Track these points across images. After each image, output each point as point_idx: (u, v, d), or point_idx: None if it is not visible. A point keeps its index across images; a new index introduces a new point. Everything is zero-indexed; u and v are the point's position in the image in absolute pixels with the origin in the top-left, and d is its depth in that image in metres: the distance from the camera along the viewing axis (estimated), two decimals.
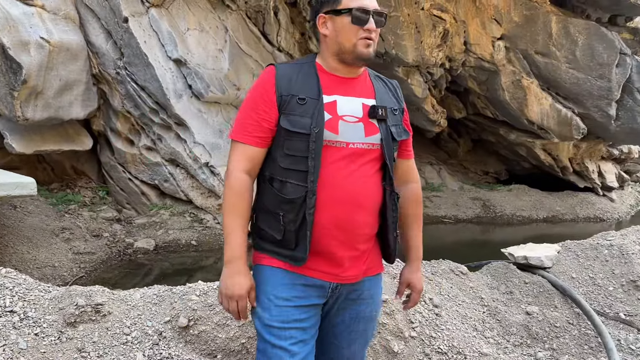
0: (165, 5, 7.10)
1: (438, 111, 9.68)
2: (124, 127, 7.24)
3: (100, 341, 2.69)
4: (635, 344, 3.37)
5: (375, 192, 1.78)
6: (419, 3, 8.11)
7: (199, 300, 2.91)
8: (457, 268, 3.89)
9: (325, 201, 1.71)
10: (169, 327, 2.82)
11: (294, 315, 1.74)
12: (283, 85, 1.73)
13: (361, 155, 1.75)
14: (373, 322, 1.96)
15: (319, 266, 1.76)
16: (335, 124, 1.71)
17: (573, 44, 8.28)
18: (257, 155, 1.76)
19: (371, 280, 1.89)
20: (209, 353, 2.79)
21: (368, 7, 1.70)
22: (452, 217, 9.09)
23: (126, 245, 6.39)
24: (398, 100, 1.90)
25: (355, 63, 1.76)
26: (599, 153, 10.58)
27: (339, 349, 1.91)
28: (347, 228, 1.74)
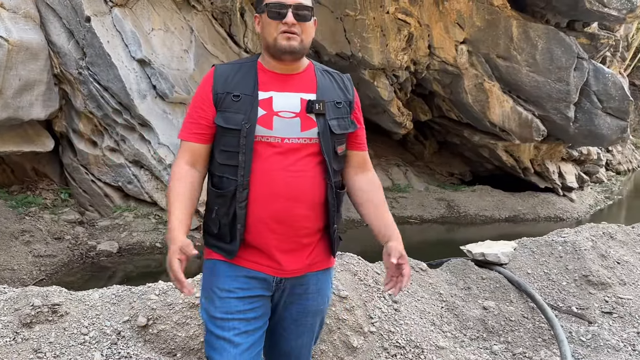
0: (129, 5, 7.04)
1: (404, 113, 9.82)
2: (87, 128, 7.13)
3: (57, 341, 2.67)
4: (586, 335, 3.51)
5: (314, 186, 1.79)
6: (384, 7, 8.23)
7: (158, 300, 2.90)
8: (417, 265, 3.97)
9: (260, 195, 1.75)
10: (127, 327, 2.81)
11: (237, 306, 1.78)
12: (219, 83, 1.80)
13: (297, 150, 1.77)
14: (320, 316, 1.99)
15: (259, 259, 1.80)
16: (269, 120, 1.76)
17: (533, 48, 8.53)
18: (198, 150, 1.82)
19: (318, 275, 1.91)
20: (168, 352, 2.79)
21: (286, 2, 1.73)
22: (417, 217, 9.23)
23: (89, 247, 6.30)
24: (345, 93, 1.89)
25: (280, 57, 1.78)
26: (559, 154, 10.90)
27: (287, 341, 1.95)
28: (286, 222, 1.77)
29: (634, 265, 4.37)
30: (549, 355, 3.29)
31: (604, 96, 8.75)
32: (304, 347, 1.98)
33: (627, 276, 4.21)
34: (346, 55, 8.52)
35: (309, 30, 1.78)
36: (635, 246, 4.67)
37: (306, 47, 1.79)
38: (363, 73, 8.80)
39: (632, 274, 4.26)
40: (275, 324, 1.92)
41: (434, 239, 8.38)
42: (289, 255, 1.81)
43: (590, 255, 4.21)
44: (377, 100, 9.23)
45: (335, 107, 1.84)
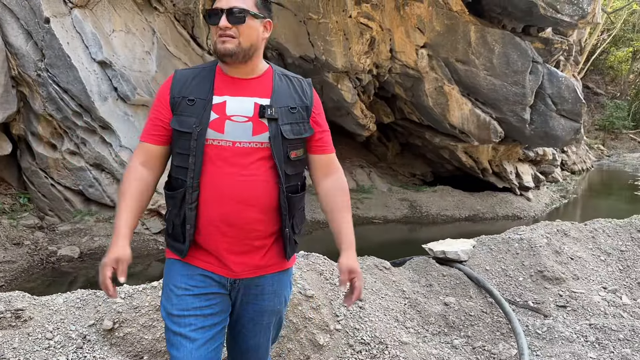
0: (90, 6, 6.93)
1: (367, 116, 9.97)
2: (46, 131, 6.98)
3: (21, 347, 2.64)
4: (542, 328, 3.67)
5: (265, 190, 1.83)
6: (346, 11, 8.34)
7: (124, 303, 2.90)
8: (381, 264, 4.07)
9: (211, 198, 1.80)
10: (93, 331, 2.80)
11: (194, 303, 1.83)
12: (176, 88, 1.85)
13: (249, 154, 1.80)
14: (277, 316, 2.03)
15: (211, 260, 1.86)
16: (221, 124, 1.79)
17: (490, 53, 8.80)
18: (153, 151, 1.88)
19: (274, 276, 1.94)
20: (135, 355, 2.80)
21: (220, 6, 1.78)
22: (381, 217, 9.38)
23: (49, 253, 6.17)
24: (302, 98, 1.91)
25: (222, 60, 1.83)
26: (516, 155, 11.26)
27: (245, 339, 2.00)
28: (236, 225, 1.81)
29: (587, 261, 4.58)
30: (507, 348, 3.43)
31: (558, 99, 9.11)
32: (262, 345, 2.03)
33: (580, 271, 4.41)
34: (310, 58, 8.59)
35: (247, 32, 1.80)
36: (587, 242, 4.89)
37: (245, 48, 1.81)
38: (327, 76, 8.89)
39: (584, 269, 4.47)
40: (234, 322, 1.98)
41: (398, 238, 8.54)
42: (240, 257, 1.85)
43: (545, 252, 4.40)
44: (341, 102, 9.34)
45: (289, 112, 1.86)
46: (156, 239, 6.85)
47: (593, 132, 25.64)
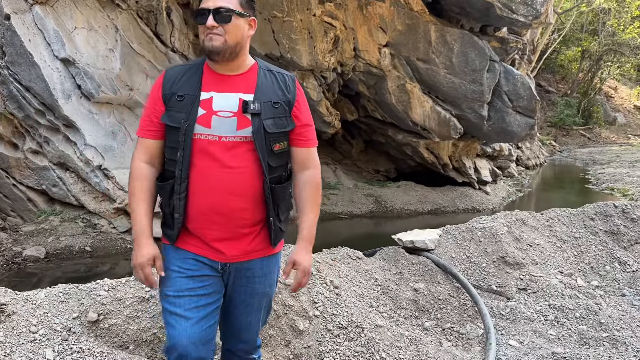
0: (50, 2, 6.81)
1: (332, 113, 10.13)
2: (7, 130, 6.83)
3: (7, 340, 2.65)
4: (505, 310, 3.90)
5: (251, 181, 1.94)
6: (310, 9, 8.47)
7: (108, 295, 2.95)
8: (354, 254, 4.23)
9: (199, 189, 1.93)
10: (77, 323, 2.84)
11: (188, 284, 1.96)
12: (167, 85, 1.96)
13: (234, 147, 1.91)
14: (267, 298, 2.16)
15: (202, 245, 1.99)
16: (208, 119, 1.90)
17: (450, 51, 9.10)
18: (153, 146, 2.00)
19: (263, 260, 2.07)
20: (120, 345, 2.85)
21: (207, 7, 1.88)
22: (348, 213, 9.57)
23: (14, 254, 6.06)
24: (285, 93, 2.01)
25: (209, 57, 1.93)
26: (475, 151, 11.66)
27: (237, 319, 2.13)
28: (224, 213, 1.93)
29: (544, 247, 4.86)
30: (474, 328, 3.64)
31: (514, 96, 9.50)
32: (253, 325, 2.15)
33: (538, 257, 4.69)
34: (275, 56, 8.68)
35: (233, 30, 1.89)
36: (544, 230, 5.18)
37: (231, 46, 1.90)
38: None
39: (542, 255, 4.75)
40: (227, 303, 2.10)
41: (364, 232, 8.74)
42: (228, 242, 1.98)
43: (506, 239, 4.66)
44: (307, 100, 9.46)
45: (272, 107, 1.96)
46: (123, 237, 6.81)
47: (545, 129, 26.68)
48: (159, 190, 2.00)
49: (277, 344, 3.11)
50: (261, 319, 2.18)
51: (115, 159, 6.80)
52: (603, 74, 29.20)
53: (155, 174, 2.01)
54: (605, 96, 31.02)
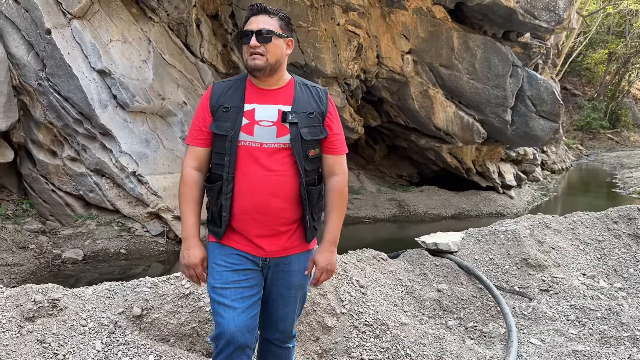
0: (87, 17, 7.16)
1: (355, 119, 10.31)
2: (46, 139, 7.18)
3: (60, 332, 2.89)
4: (527, 310, 4.02)
5: (288, 183, 2.14)
6: (334, 19, 8.68)
7: (151, 292, 3.17)
8: (378, 255, 4.39)
9: (244, 190, 2.13)
10: (123, 317, 3.07)
11: (233, 277, 2.16)
12: (214, 98, 2.18)
13: (274, 153, 2.12)
14: (302, 290, 2.34)
15: (244, 241, 2.19)
16: (251, 128, 2.12)
17: (472, 57, 9.20)
18: (201, 154, 2.22)
19: (299, 256, 2.26)
20: (162, 338, 3.07)
21: (251, 29, 2.10)
22: (371, 217, 9.71)
23: (54, 256, 6.37)
24: (319, 105, 2.22)
25: (252, 74, 2.15)
26: (499, 155, 11.70)
27: (275, 310, 2.32)
28: (265, 212, 2.14)
29: (567, 250, 4.95)
30: (496, 327, 3.76)
31: (537, 100, 9.54)
32: (289, 315, 2.34)
33: (561, 259, 4.78)
34: (300, 64, 8.91)
35: (273, 50, 2.11)
36: (567, 233, 5.25)
37: (273, 63, 2.12)
38: (316, 81, 9.21)
39: (565, 257, 4.84)
40: (266, 295, 2.29)
41: (388, 236, 8.87)
42: (268, 239, 2.18)
43: (528, 242, 4.76)
44: None
45: (308, 117, 2.17)
46: (156, 240, 7.08)
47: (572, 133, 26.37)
48: (208, 191, 2.21)
49: (306, 339, 3.29)
50: (296, 310, 2.36)
51: (149, 165, 7.09)
52: (631, 77, 28.76)
53: (203, 179, 2.23)
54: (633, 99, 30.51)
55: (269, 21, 2.12)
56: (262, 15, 2.13)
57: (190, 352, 3.03)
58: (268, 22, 2.11)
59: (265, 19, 2.12)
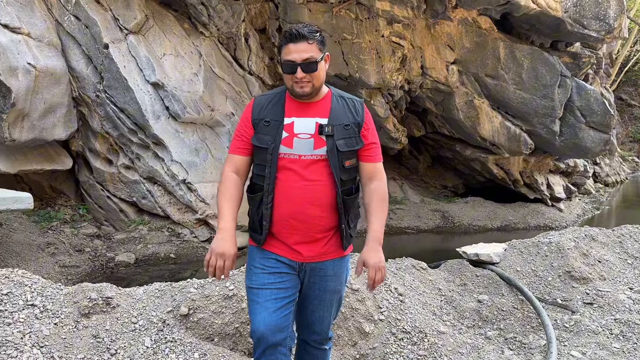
0: (142, 32, 7.55)
1: (399, 130, 10.35)
2: (103, 147, 7.58)
3: (112, 329, 3.10)
4: (569, 322, 3.96)
5: (325, 193, 2.24)
6: (379, 31, 8.79)
7: (197, 292, 3.34)
8: (418, 264, 4.44)
9: (283, 200, 2.24)
10: (171, 316, 3.24)
11: (269, 279, 2.27)
12: (256, 111, 2.30)
13: (312, 164, 2.23)
14: (338, 295, 2.43)
15: (283, 247, 2.29)
16: (290, 140, 2.22)
17: (519, 67, 9.10)
18: (240, 161, 2.33)
19: (334, 261, 2.35)
20: (207, 337, 3.22)
21: (295, 60, 2.14)
22: (414, 227, 9.69)
23: (108, 259, 6.70)
24: (355, 116, 2.30)
25: (297, 98, 2.25)
26: (547, 167, 11.44)
27: (311, 312, 2.42)
28: (303, 220, 2.24)
29: (614, 264, 4.83)
30: (536, 339, 3.74)
31: (587, 111, 9.32)
32: (325, 318, 2.44)
33: (606, 273, 4.67)
34: (344, 76, 9.05)
35: (318, 75, 2.19)
36: (614, 247, 5.13)
37: (317, 87, 2.22)
38: (360, 92, 9.33)
39: (611, 270, 4.72)
40: (303, 298, 2.41)
41: (431, 247, 8.83)
42: (306, 245, 2.28)
43: (573, 254, 4.68)
44: (374, 117, 9.71)
45: (344, 129, 2.26)
46: (204, 246, 7.33)
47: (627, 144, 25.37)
48: (249, 200, 2.33)
49: (344, 344, 3.38)
50: (332, 313, 2.46)
51: (198, 173, 7.37)
52: None
53: (241, 183, 2.34)
54: None
55: (310, 48, 2.15)
56: (302, 43, 2.14)
57: (233, 352, 3.17)
58: (310, 50, 2.15)
59: (306, 47, 2.14)
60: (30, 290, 3.17)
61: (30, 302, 3.09)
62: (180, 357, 3.01)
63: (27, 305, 3.06)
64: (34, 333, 2.90)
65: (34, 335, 2.89)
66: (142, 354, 2.98)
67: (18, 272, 3.33)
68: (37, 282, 3.29)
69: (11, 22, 6.40)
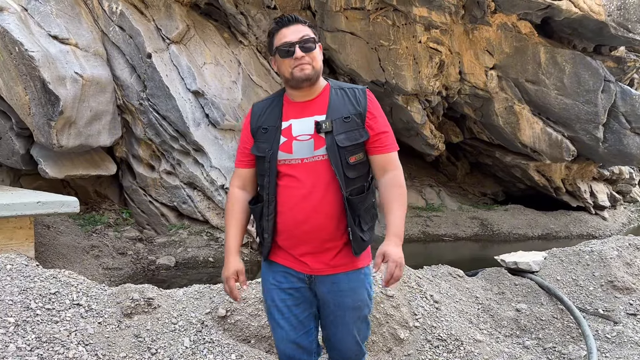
0: (184, 41, 7.76)
1: (436, 136, 10.26)
2: (145, 153, 7.81)
3: (153, 329, 3.20)
4: (611, 333, 3.86)
5: (330, 196, 2.07)
6: (416, 37, 8.76)
7: None
8: (454, 272, 4.40)
9: (285, 209, 2.10)
10: (209, 318, 3.33)
11: (280, 295, 2.19)
12: (254, 119, 2.19)
13: (313, 166, 2.07)
14: (358, 313, 2.20)
15: (290, 258, 2.16)
16: (289, 145, 2.07)
17: (561, 72, 8.90)
18: (245, 174, 2.25)
19: (348, 274, 2.16)
20: (243, 339, 3.29)
21: (291, 41, 2.04)
22: (451, 235, 9.57)
23: (149, 262, 6.88)
24: (356, 107, 2.11)
25: (300, 86, 2.09)
26: (590, 174, 11.12)
27: (330, 331, 2.25)
28: (308, 229, 2.08)
29: None
30: (576, 349, 3.65)
31: (632, 117, 9.03)
32: (347, 338, 2.21)
33: None
34: (380, 82, 9.05)
35: (316, 56, 2.08)
36: None
37: (318, 70, 2.09)
38: (397, 98, 9.31)
39: None
40: (321, 317, 2.26)
41: (468, 255, 8.71)
42: (313, 256, 2.12)
43: (615, 263, 4.56)
44: (411, 124, 9.71)
45: (343, 122, 2.07)
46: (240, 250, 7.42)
47: None
48: (252, 212, 2.22)
49: (379, 350, 3.39)
50: (355, 334, 2.23)
51: None
52: None
53: (247, 197, 2.25)
54: None
55: (304, 29, 2.08)
56: (295, 25, 2.08)
57: (268, 354, 3.23)
58: (304, 31, 2.07)
59: (300, 28, 2.07)
60: (76, 290, 3.30)
61: (76, 301, 3.22)
62: (217, 357, 3.08)
63: (73, 304, 3.20)
64: (79, 331, 3.02)
65: (79, 333, 3.01)
66: (181, 354, 3.07)
67: (65, 272, 3.49)
68: (83, 282, 3.43)
69: (60, 34, 6.69)
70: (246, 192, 2.25)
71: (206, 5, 8.44)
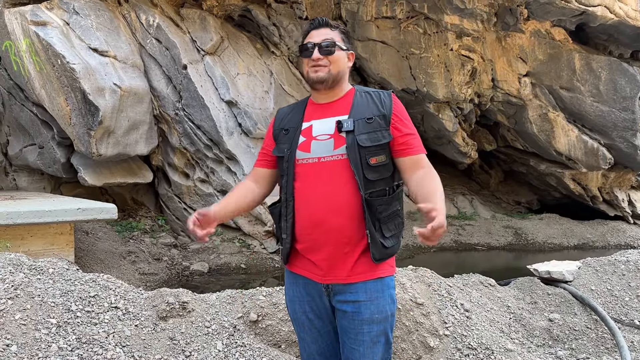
0: (218, 53, 7.95)
1: (468, 144, 10.18)
2: (180, 162, 8.01)
3: (187, 332, 3.29)
4: None
5: (349, 196, 2.00)
6: (447, 44, 8.75)
7: (265, 300, 3.49)
8: (486, 281, 4.37)
9: (303, 210, 2.05)
10: (241, 322, 3.41)
11: (300, 308, 2.16)
12: (277, 122, 2.22)
13: (332, 166, 2.02)
14: (378, 327, 2.05)
15: (307, 265, 2.11)
16: (308, 145, 2.05)
17: (596, 79, 8.75)
18: (260, 172, 2.26)
19: (367, 284, 2.04)
20: (274, 343, 3.36)
21: (312, 41, 2.08)
22: (484, 244, 9.46)
23: (183, 267, 7.04)
24: (380, 109, 2.07)
25: (314, 86, 2.11)
26: (629, 182, 10.84)
27: (349, 347, 2.08)
28: (325, 231, 2.00)
29: None
30: None
31: None
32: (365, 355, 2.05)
33: None
34: (411, 90, 9.06)
35: (337, 61, 2.08)
36: None
37: (335, 75, 2.08)
38: (428, 106, 9.30)
39: None
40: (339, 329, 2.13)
41: (502, 264, 8.59)
42: (331, 263, 2.04)
43: None
44: (442, 131, 9.67)
45: (366, 123, 2.03)
46: (272, 257, 7.54)
47: None
48: (271, 214, 2.21)
49: (408, 357, 3.40)
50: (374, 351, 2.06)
51: None
52: None
53: (255, 188, 2.23)
54: None
55: (331, 34, 2.11)
56: (324, 29, 2.12)
57: (298, 359, 3.28)
58: (330, 35, 2.10)
59: (327, 32, 2.11)
60: (114, 294, 3.43)
61: (114, 304, 3.35)
62: None
63: (111, 307, 3.32)
64: (117, 333, 3.14)
65: (117, 335, 3.13)
66: (214, 357, 3.15)
67: (104, 276, 3.62)
68: (120, 286, 3.56)
69: (100, 46, 6.95)
70: (256, 184, 2.24)
71: (239, 17, 8.63)
